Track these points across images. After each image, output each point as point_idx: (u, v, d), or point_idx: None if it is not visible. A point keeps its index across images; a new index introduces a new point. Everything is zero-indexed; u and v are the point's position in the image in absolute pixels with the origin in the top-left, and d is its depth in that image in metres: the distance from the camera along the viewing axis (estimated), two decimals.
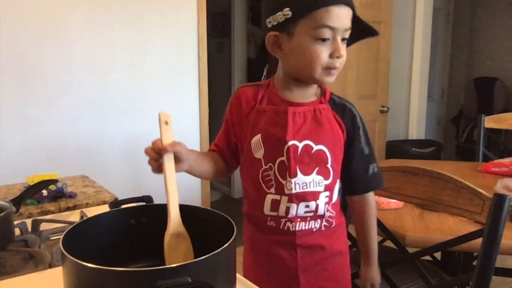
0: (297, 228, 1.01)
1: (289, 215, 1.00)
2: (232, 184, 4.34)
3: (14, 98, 2.15)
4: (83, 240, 0.76)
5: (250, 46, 4.31)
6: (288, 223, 1.01)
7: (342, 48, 0.92)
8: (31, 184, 1.45)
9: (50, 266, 0.92)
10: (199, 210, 0.87)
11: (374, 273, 1.13)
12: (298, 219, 1.00)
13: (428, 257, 1.81)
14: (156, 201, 0.95)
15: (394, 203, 1.55)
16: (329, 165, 0.99)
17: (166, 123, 0.83)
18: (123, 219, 0.84)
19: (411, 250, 1.26)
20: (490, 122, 2.40)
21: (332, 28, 0.90)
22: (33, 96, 2.20)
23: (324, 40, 0.90)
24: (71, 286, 0.67)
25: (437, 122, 5.05)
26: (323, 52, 0.91)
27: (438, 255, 1.97)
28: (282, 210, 1.00)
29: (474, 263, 1.10)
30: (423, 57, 3.63)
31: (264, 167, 1.00)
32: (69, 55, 2.26)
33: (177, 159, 0.84)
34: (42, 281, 0.86)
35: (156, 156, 0.82)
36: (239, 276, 0.80)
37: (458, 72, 5.06)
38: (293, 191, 0.98)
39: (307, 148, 0.97)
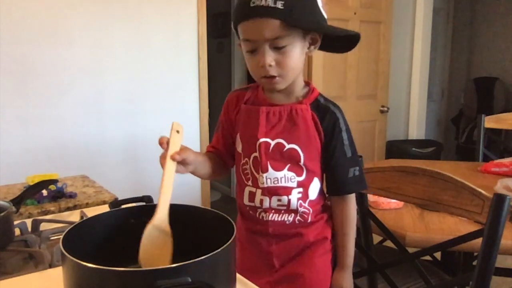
0: (270, 218, 1.07)
1: (264, 206, 1.06)
2: (232, 184, 4.34)
3: (14, 98, 2.15)
4: (83, 240, 0.76)
5: None
6: (263, 213, 1.07)
7: (268, 57, 0.94)
8: (31, 184, 1.45)
9: (50, 266, 0.92)
10: (199, 210, 0.87)
11: (346, 279, 1.11)
12: (272, 211, 1.06)
13: (428, 257, 1.81)
14: (156, 201, 0.95)
15: (394, 203, 1.56)
16: (301, 163, 1.03)
17: (178, 132, 0.88)
18: (123, 219, 0.84)
19: (411, 250, 1.26)
20: (490, 122, 2.40)
21: (250, 41, 0.95)
22: (33, 96, 2.20)
23: (251, 52, 0.96)
24: (71, 286, 0.67)
25: (437, 122, 5.05)
26: (252, 63, 0.98)
27: (438, 255, 1.97)
28: (257, 201, 1.07)
29: (474, 263, 1.10)
30: (423, 57, 3.64)
31: (242, 161, 1.08)
32: (69, 55, 2.26)
33: (184, 163, 0.91)
34: (42, 281, 0.86)
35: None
36: (239, 276, 0.80)
37: (458, 72, 5.06)
38: (265, 185, 1.04)
39: (279, 146, 1.03)
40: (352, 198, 1.09)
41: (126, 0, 2.40)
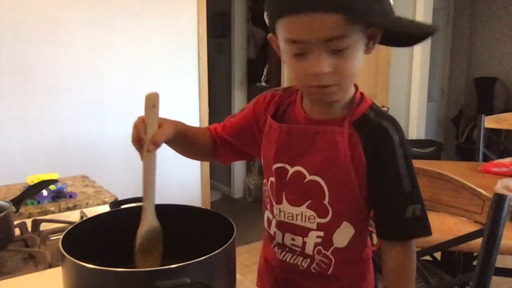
0: (281, 257, 0.88)
1: (277, 240, 0.88)
2: (232, 184, 4.34)
3: (14, 98, 2.15)
4: (83, 240, 0.76)
5: (250, 46, 4.31)
6: (276, 248, 0.89)
7: (324, 63, 0.71)
8: (31, 184, 1.45)
9: (50, 266, 0.92)
10: (199, 210, 0.87)
11: None
12: (286, 249, 0.87)
13: (428, 257, 1.80)
14: (156, 201, 0.95)
15: None
16: (325, 202, 0.81)
17: (154, 106, 0.74)
18: (123, 219, 0.84)
19: None
20: (490, 122, 2.40)
21: (300, 42, 0.71)
22: (33, 96, 2.20)
23: (299, 54, 0.72)
24: (70, 287, 0.67)
25: (437, 122, 5.05)
26: (299, 69, 0.74)
27: (438, 255, 1.97)
28: (272, 232, 0.89)
29: (474, 263, 1.10)
30: (423, 57, 3.63)
31: (264, 180, 0.90)
32: (69, 55, 2.26)
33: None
34: (42, 281, 0.86)
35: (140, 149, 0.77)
36: (239, 277, 0.80)
37: (458, 72, 5.06)
38: (278, 218, 0.86)
39: (298, 175, 0.82)
40: (411, 245, 0.81)
41: (126, 1, 2.40)
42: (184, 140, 0.87)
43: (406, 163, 0.78)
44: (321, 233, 0.82)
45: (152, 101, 0.74)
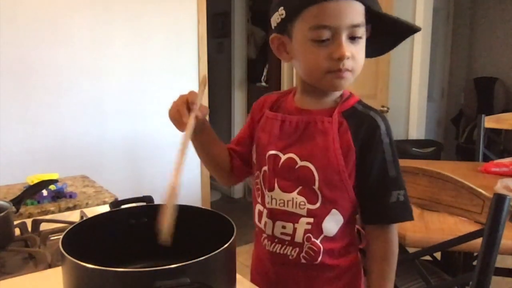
0: (271, 249, 0.90)
1: (267, 232, 0.90)
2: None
3: (14, 98, 2.15)
4: (83, 240, 0.76)
5: (250, 46, 4.31)
6: (266, 240, 0.91)
7: (347, 48, 0.78)
8: (31, 184, 1.45)
9: (50, 266, 0.92)
10: (199, 210, 0.87)
11: None
12: (276, 240, 0.89)
13: (428, 257, 1.80)
14: (157, 201, 0.95)
15: None
16: (315, 187, 0.84)
17: (204, 85, 0.86)
18: (123, 219, 0.84)
19: (411, 250, 1.26)
20: (490, 122, 2.40)
21: (329, 27, 0.77)
22: (33, 96, 2.20)
23: (322, 41, 0.78)
24: (70, 287, 0.67)
25: (437, 122, 5.05)
26: (321, 55, 0.79)
27: (438, 255, 1.97)
28: (262, 224, 0.92)
29: (474, 263, 1.10)
30: (423, 57, 3.63)
31: (255, 173, 0.94)
32: (69, 55, 2.26)
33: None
34: (42, 281, 0.86)
35: (185, 113, 0.81)
36: (239, 277, 0.80)
37: (458, 72, 5.06)
38: (269, 206, 0.89)
39: (290, 161, 0.86)
40: (394, 229, 0.86)
41: (126, 0, 2.40)
42: (207, 138, 0.94)
43: (391, 150, 0.85)
44: (311, 220, 0.86)
45: (204, 81, 0.87)
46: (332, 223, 0.86)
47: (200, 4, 2.65)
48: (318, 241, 0.87)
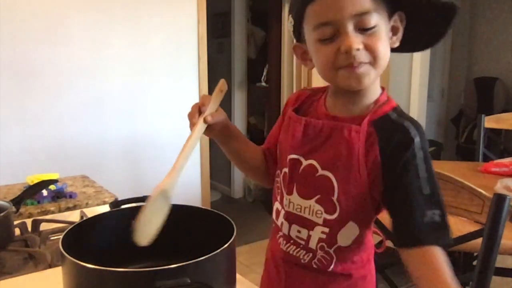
0: (285, 249, 0.88)
1: (283, 231, 0.89)
2: (232, 184, 4.34)
3: (14, 98, 2.15)
4: (83, 240, 0.76)
5: (250, 46, 4.31)
6: (281, 239, 0.89)
7: (355, 39, 0.72)
8: (31, 184, 1.45)
9: (50, 266, 0.92)
10: (199, 210, 0.87)
11: None
12: (291, 241, 0.87)
13: None
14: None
15: None
16: (334, 198, 0.80)
17: (221, 91, 0.85)
18: (123, 219, 0.84)
19: None
20: (490, 122, 2.40)
21: (330, 23, 0.73)
22: (33, 96, 2.20)
23: (327, 39, 0.74)
24: (70, 287, 0.67)
25: (437, 122, 5.05)
26: (329, 52, 0.74)
27: None
28: (279, 223, 0.90)
29: (474, 263, 1.10)
30: (423, 57, 3.63)
31: (277, 171, 0.91)
32: (69, 55, 2.26)
33: (212, 127, 0.83)
34: (42, 281, 0.86)
35: (195, 114, 0.82)
36: (239, 277, 0.80)
37: (458, 72, 5.06)
38: (287, 209, 0.87)
39: (311, 168, 0.82)
40: (435, 252, 0.72)
41: (126, 1, 2.40)
42: (236, 143, 0.94)
43: (426, 165, 0.75)
44: (326, 230, 0.82)
45: (222, 86, 0.84)
46: (348, 235, 0.83)
47: (200, 4, 2.65)
48: (331, 251, 0.84)
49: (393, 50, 0.80)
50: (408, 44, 0.81)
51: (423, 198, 0.74)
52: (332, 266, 0.84)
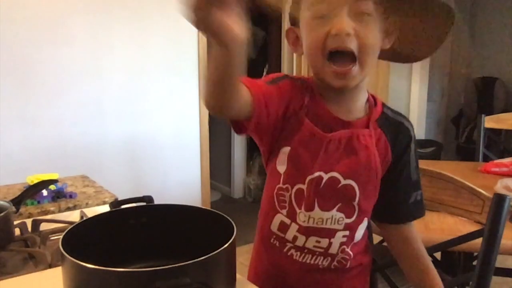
0: (299, 259, 0.87)
1: (296, 244, 0.86)
2: (232, 184, 4.34)
3: (14, 98, 2.15)
4: (83, 240, 0.76)
5: (250, 46, 4.30)
6: (292, 250, 0.87)
7: (348, 23, 0.71)
8: (31, 184, 1.45)
9: (50, 266, 0.92)
10: (199, 210, 0.87)
11: None
12: (305, 250, 0.86)
13: None
14: (156, 201, 0.95)
15: None
16: (355, 202, 0.83)
17: None
18: (123, 219, 0.84)
19: None
20: (490, 122, 2.39)
21: (327, 1, 0.73)
22: (33, 96, 2.20)
23: (321, 17, 0.74)
24: (70, 287, 0.67)
25: (437, 122, 5.05)
26: (320, 33, 0.74)
27: (438, 255, 1.96)
28: (289, 236, 0.86)
29: (474, 263, 1.10)
30: None
31: (280, 184, 0.85)
32: (69, 55, 2.26)
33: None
34: (42, 281, 0.86)
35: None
36: (239, 277, 0.80)
37: (458, 72, 5.06)
38: (305, 224, 0.84)
39: (333, 181, 0.81)
40: (414, 225, 0.91)
41: (126, 1, 2.40)
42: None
43: (415, 156, 0.87)
44: (347, 232, 0.85)
45: None
46: (362, 230, 0.89)
47: None
48: (349, 249, 0.88)
49: (395, 60, 0.87)
50: (407, 51, 0.86)
51: (412, 183, 0.87)
52: (349, 263, 0.89)
